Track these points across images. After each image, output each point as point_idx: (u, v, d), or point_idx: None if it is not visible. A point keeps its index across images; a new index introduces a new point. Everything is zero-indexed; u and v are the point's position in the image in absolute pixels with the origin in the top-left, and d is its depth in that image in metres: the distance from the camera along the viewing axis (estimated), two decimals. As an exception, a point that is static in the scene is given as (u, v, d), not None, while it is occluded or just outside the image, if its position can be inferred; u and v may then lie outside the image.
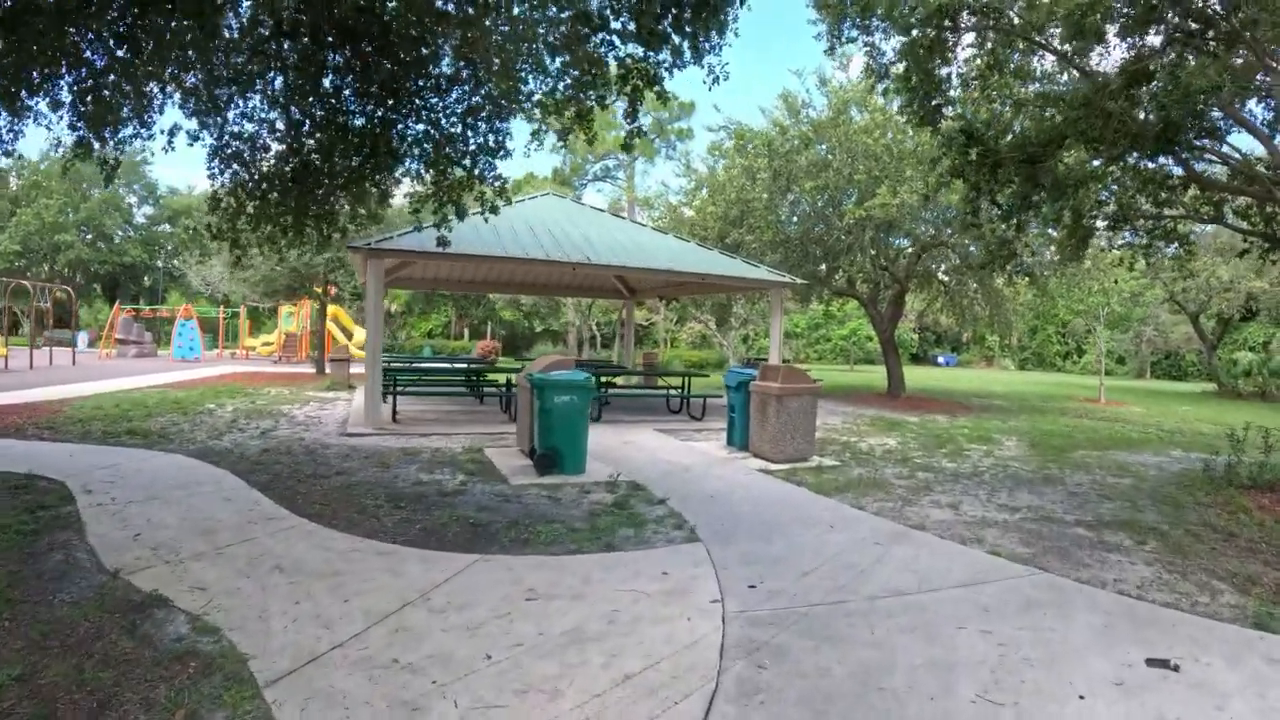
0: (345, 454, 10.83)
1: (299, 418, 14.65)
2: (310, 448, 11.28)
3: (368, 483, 8.97)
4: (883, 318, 25.75)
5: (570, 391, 10.15)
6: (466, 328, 58.37)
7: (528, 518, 7.71)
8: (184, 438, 11.80)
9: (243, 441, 11.60)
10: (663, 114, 46.97)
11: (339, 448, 11.36)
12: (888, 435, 15.54)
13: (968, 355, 66.26)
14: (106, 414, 14.00)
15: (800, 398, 11.32)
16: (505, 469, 10.15)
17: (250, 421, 13.84)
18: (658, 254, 16.47)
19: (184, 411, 14.79)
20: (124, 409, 14.75)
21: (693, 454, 12.14)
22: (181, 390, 19.13)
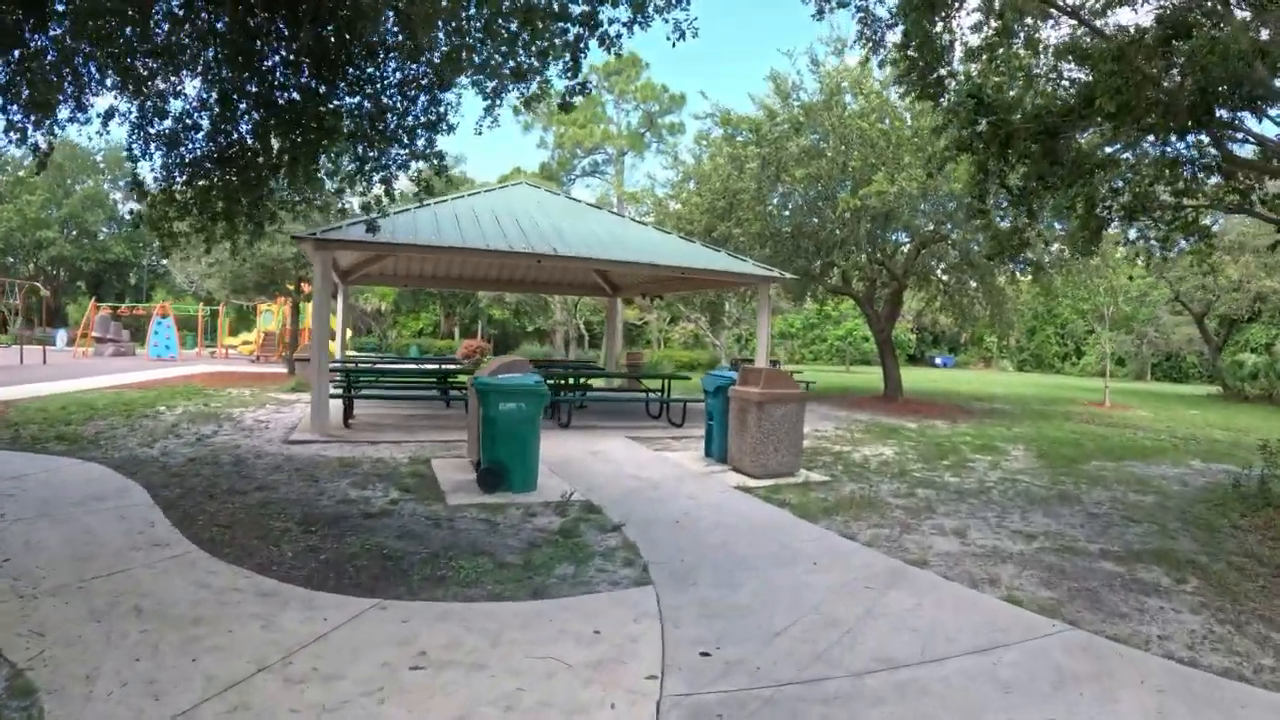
0: (277, 465, 9.86)
1: (247, 422, 13.70)
2: (242, 457, 10.34)
3: (286, 500, 8.00)
4: (879, 317, 24.49)
5: (517, 398, 8.97)
6: (456, 327, 57.05)
7: (453, 549, 6.60)
8: (114, 444, 10.91)
9: (173, 449, 10.68)
10: (652, 105, 45.72)
11: (274, 458, 10.40)
12: (884, 444, 14.30)
13: (965, 356, 65.12)
14: (47, 417, 13.18)
15: (785, 405, 10.07)
16: (447, 484, 9.06)
17: (193, 426, 12.92)
18: (635, 247, 15.24)
19: (128, 415, 13.88)
20: (68, 412, 13.91)
21: (664, 467, 10.91)
22: (140, 391, 18.28)
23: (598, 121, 44.81)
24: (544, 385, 9.20)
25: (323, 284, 13.05)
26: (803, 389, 10.46)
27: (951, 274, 24.15)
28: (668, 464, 11.12)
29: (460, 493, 8.66)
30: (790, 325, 57.84)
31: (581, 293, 27.31)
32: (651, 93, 45.04)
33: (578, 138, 43.88)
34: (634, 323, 49.76)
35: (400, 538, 6.83)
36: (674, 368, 38.80)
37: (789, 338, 58.69)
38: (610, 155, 46.18)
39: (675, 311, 42.23)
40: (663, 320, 49.61)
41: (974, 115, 9.30)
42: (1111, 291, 24.01)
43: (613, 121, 46.56)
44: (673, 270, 14.80)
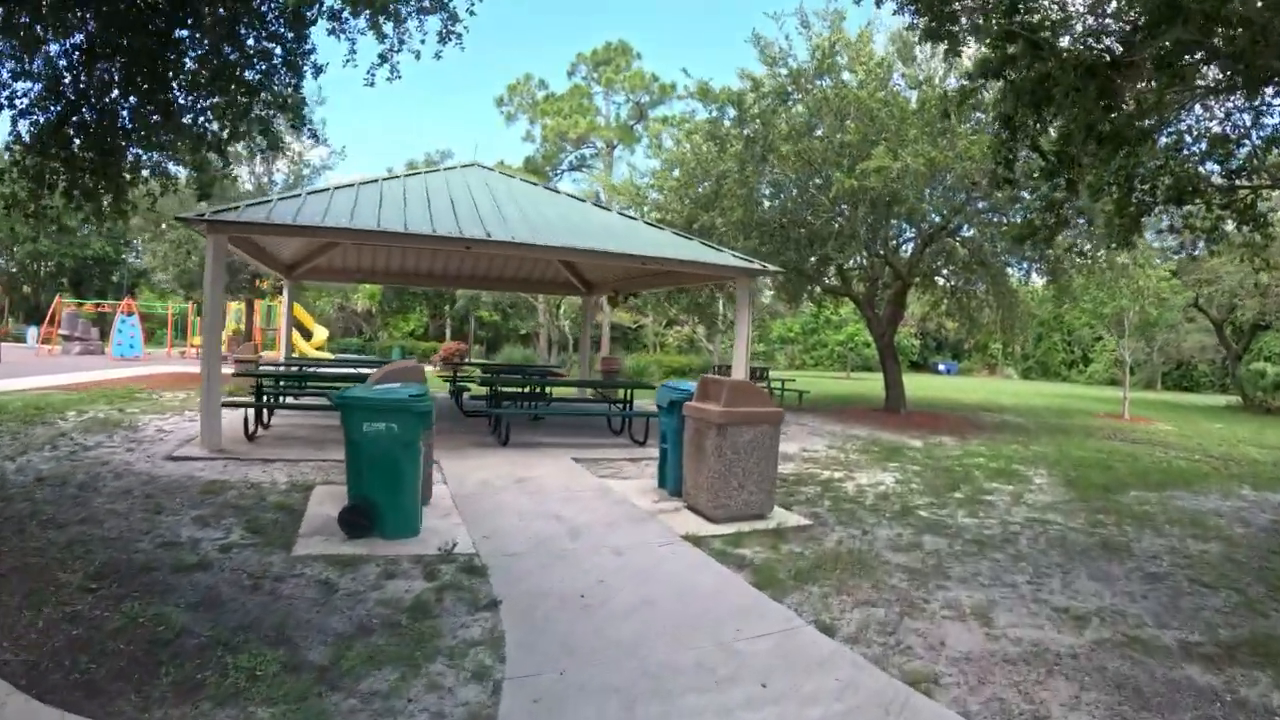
0: (129, 489, 8.21)
1: (148, 432, 12.09)
2: (99, 476, 8.75)
3: (101, 540, 6.38)
4: (880, 321, 22.20)
5: (387, 416, 6.83)
6: (448, 329, 54.94)
7: (250, 630, 4.80)
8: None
9: (33, 464, 9.23)
10: (643, 96, 43.51)
11: (135, 479, 8.75)
12: (884, 468, 12.09)
13: (968, 363, 62.87)
14: (-71, 422, 11.80)
15: (753, 427, 7.83)
16: (310, 524, 7.16)
17: (84, 435, 11.50)
18: (592, 233, 13.05)
19: (26, 420, 12.60)
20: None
21: (600, 503, 8.67)
22: (71, 393, 16.93)
23: (584, 113, 42.60)
24: (425, 401, 7.03)
25: (216, 272, 11.18)
26: (777, 406, 8.19)
27: (960, 274, 21.92)
28: (607, 498, 8.89)
29: (317, 538, 6.72)
30: (789, 329, 55.60)
31: (553, 291, 25.21)
32: (641, 82, 42.90)
33: (561, 128, 41.69)
34: (629, 326, 47.77)
35: (197, 606, 5.11)
36: (663, 374, 36.65)
37: (789, 342, 56.51)
38: (599, 148, 44.01)
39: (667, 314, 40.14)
40: (659, 324, 47.63)
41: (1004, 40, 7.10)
42: (1138, 293, 21.71)
43: (601, 113, 44.43)
44: (632, 259, 12.53)
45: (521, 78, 46.31)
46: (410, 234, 11.14)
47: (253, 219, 10.90)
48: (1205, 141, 9.20)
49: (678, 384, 9.31)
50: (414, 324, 56.57)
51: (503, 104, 46.72)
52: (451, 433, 13.47)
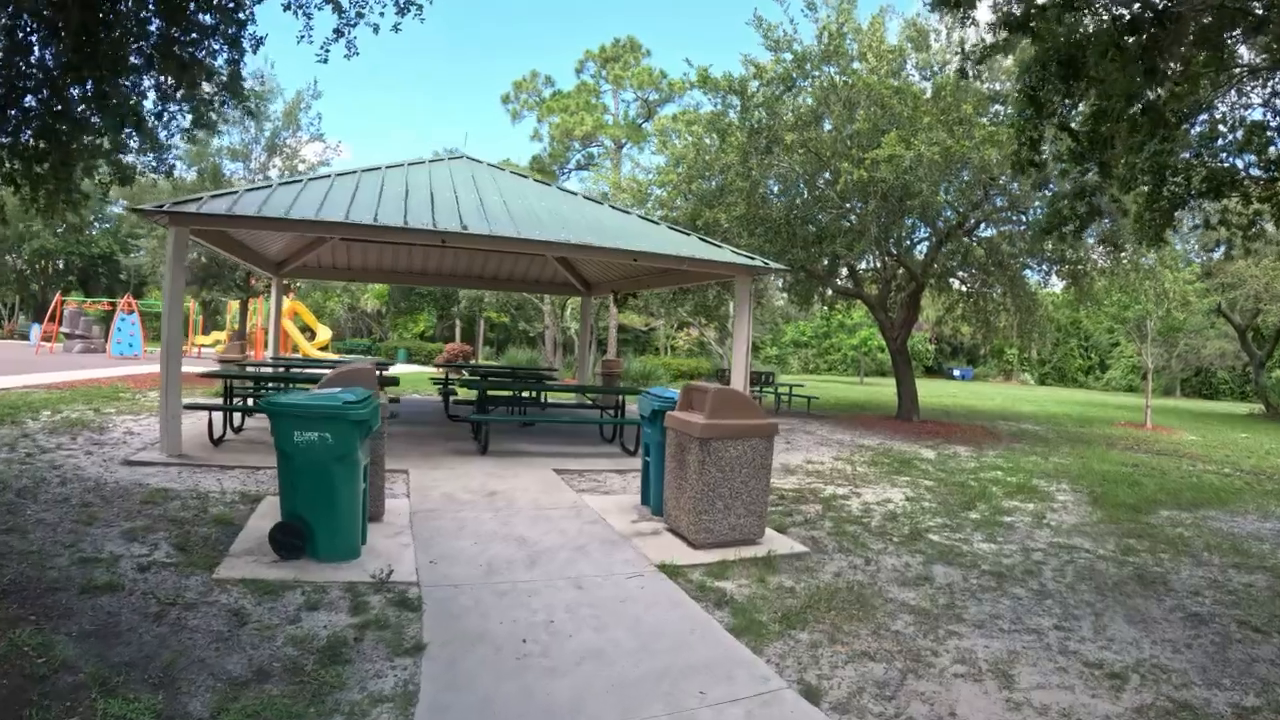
0: (68, 497, 7.70)
1: (115, 434, 11.63)
2: (43, 480, 8.34)
3: (19, 553, 5.87)
4: (893, 324, 21.24)
5: (319, 425, 6.00)
6: (458, 330, 54.16)
7: (131, 669, 4.13)
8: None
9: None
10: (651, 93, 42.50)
11: (82, 484, 8.28)
12: (893, 482, 11.20)
13: (984, 369, 61.70)
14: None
15: (741, 442, 6.93)
16: (244, 542, 6.47)
17: (48, 436, 11.09)
18: (580, 227, 12.11)
19: (0, 420, 12.16)
20: None
21: (572, 523, 7.78)
22: (54, 392, 16.75)
23: (591, 111, 41.64)
24: (361, 408, 6.17)
25: (176, 267, 10.48)
26: (770, 416, 7.27)
27: (976, 276, 20.92)
28: (581, 517, 7.99)
29: (246, 558, 6.02)
30: (802, 332, 54.64)
31: (552, 291, 24.30)
32: (650, 79, 41.83)
33: (568, 126, 40.74)
34: (640, 329, 46.94)
35: (90, 636, 4.50)
36: (670, 378, 35.83)
37: (802, 346, 55.62)
38: (608, 147, 43.05)
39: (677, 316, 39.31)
40: (670, 326, 46.80)
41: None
42: (1162, 297, 20.62)
43: (610, 111, 43.48)
44: (622, 255, 11.61)
45: (528, 75, 45.47)
46: (380, 226, 10.32)
47: (215, 210, 10.21)
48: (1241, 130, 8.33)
49: (660, 391, 8.40)
50: (423, 325, 55.95)
51: (509, 101, 45.82)
52: (432, 439, 12.70)
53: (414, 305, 55.07)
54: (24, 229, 50.03)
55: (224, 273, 23.70)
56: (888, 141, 14.89)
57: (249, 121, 24.08)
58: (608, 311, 38.14)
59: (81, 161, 8.26)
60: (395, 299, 53.44)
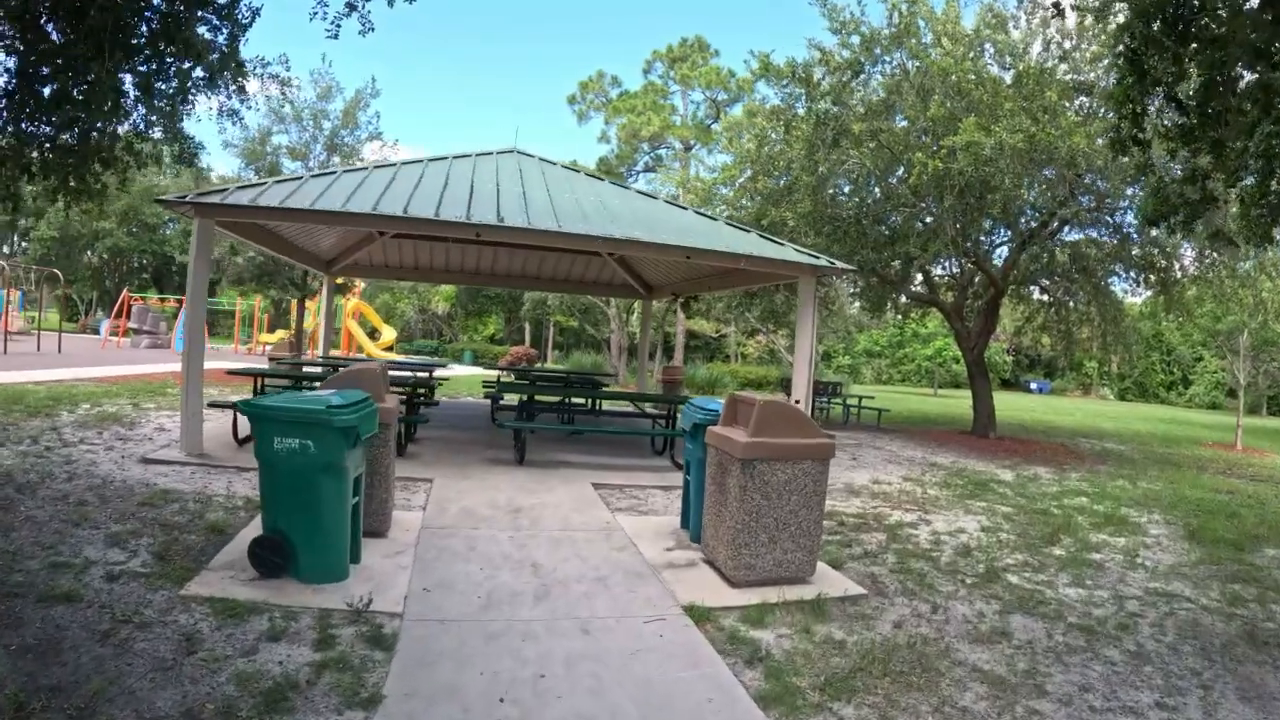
0: (69, 494, 7.42)
1: (143, 431, 11.38)
2: (50, 475, 8.11)
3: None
4: (970, 334, 20.00)
5: (300, 431, 5.31)
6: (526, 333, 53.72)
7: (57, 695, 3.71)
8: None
9: None
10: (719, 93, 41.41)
11: (88, 481, 8.04)
12: (967, 508, 10.13)
13: (1061, 382, 59.19)
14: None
15: (791, 464, 5.98)
16: (232, 551, 5.97)
17: (76, 430, 10.93)
18: (630, 222, 11.20)
19: (33, 411, 12.18)
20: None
21: (600, 547, 6.91)
22: (105, 385, 16.79)
23: (658, 111, 40.69)
24: (349, 413, 5.42)
25: (201, 259, 10.06)
26: (827, 435, 6.24)
27: (1059, 284, 19.57)
28: (609, 541, 7.10)
29: (223, 573, 5.48)
30: (876, 342, 53.20)
31: (612, 293, 23.51)
32: (718, 79, 40.76)
33: (634, 125, 39.86)
34: (711, 335, 45.97)
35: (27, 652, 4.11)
36: (737, 385, 34.77)
37: (875, 356, 54.17)
38: (676, 149, 42.05)
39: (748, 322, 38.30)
40: (741, 333, 45.76)
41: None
42: (1259, 306, 19.07)
43: (678, 112, 42.51)
44: (673, 251, 10.66)
45: (594, 75, 44.70)
46: (409, 218, 9.64)
47: (238, 201, 9.72)
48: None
49: (703, 402, 7.48)
50: (492, 328, 55.66)
51: (575, 102, 45.06)
52: (469, 446, 11.97)
53: (482, 308, 54.82)
54: (97, 227, 50.85)
55: (282, 271, 23.31)
56: (966, 128, 13.68)
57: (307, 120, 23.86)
58: (676, 316, 37.28)
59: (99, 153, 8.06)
60: (463, 301, 53.20)
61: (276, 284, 25.05)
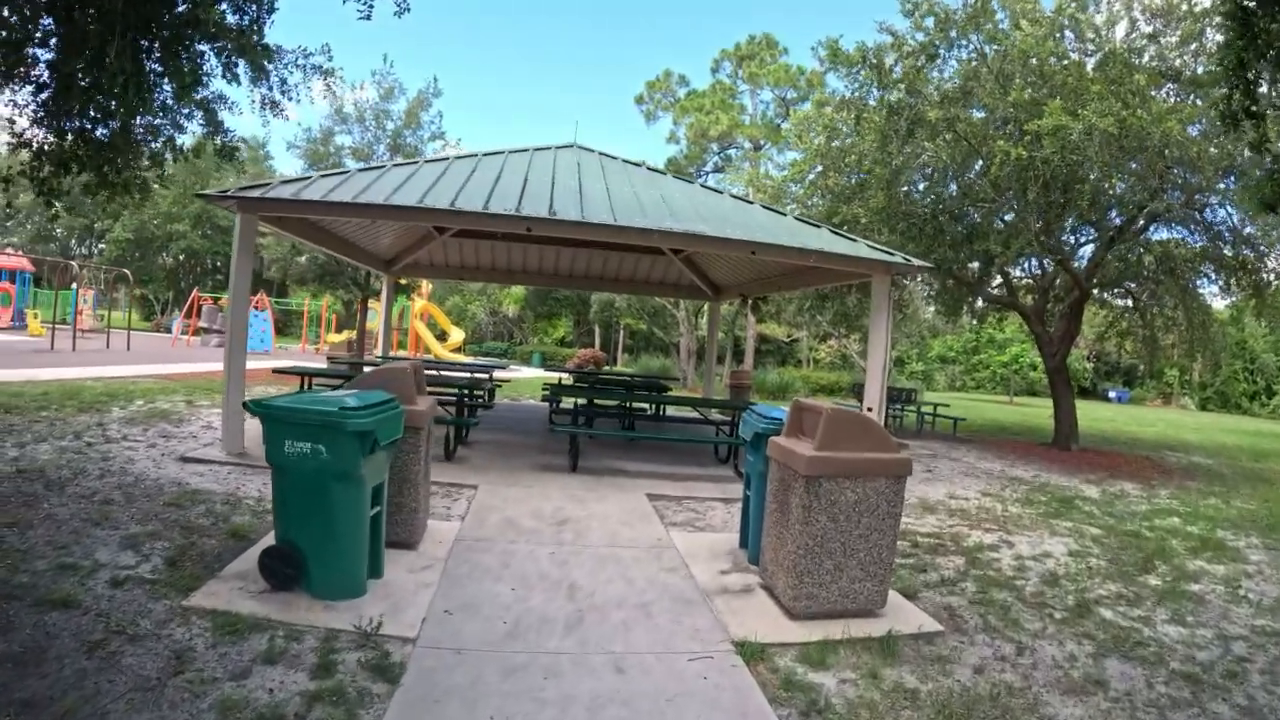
0: (97, 491, 7.28)
1: (190, 428, 11.36)
2: (83, 471, 8.00)
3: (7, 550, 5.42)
4: (1052, 339, 18.95)
5: (311, 435, 4.85)
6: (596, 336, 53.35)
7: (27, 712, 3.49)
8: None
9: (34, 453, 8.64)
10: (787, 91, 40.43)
11: (120, 478, 7.89)
12: (1052, 529, 9.32)
13: (1140, 390, 56.76)
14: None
15: (861, 482, 5.30)
16: (248, 561, 5.53)
17: (123, 426, 10.92)
18: (690, 215, 10.50)
19: (84, 407, 12.26)
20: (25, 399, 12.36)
21: (648, 568, 6.28)
22: (164, 382, 17.03)
23: (726, 109, 39.88)
24: (365, 417, 4.94)
25: (244, 256, 9.81)
26: (902, 451, 5.54)
27: (1144, 286, 18.39)
28: (660, 560, 6.49)
29: (234, 583, 5.13)
30: (950, 348, 51.71)
31: (678, 294, 22.85)
32: (786, 76, 39.81)
33: (702, 125, 39.11)
34: (783, 340, 45.15)
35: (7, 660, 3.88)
36: (809, 390, 33.95)
37: (949, 362, 52.65)
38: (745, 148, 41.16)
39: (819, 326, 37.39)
40: (813, 337, 44.82)
41: None
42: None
43: (747, 111, 41.69)
44: (737, 246, 9.91)
45: (661, 74, 44.04)
46: (456, 211, 9.15)
47: (280, 195, 9.41)
48: None
49: (765, 410, 6.82)
50: (562, 330, 55.38)
51: (642, 102, 44.47)
52: (522, 451, 11.49)
53: (551, 310, 54.55)
54: (171, 230, 51.72)
55: (344, 271, 23.23)
56: (1052, 110, 12.64)
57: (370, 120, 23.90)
58: (746, 320, 36.57)
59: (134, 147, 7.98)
60: (532, 303, 52.99)
61: (339, 284, 25.02)
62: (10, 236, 58.26)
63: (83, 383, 15.48)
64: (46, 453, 8.69)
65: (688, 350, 36.18)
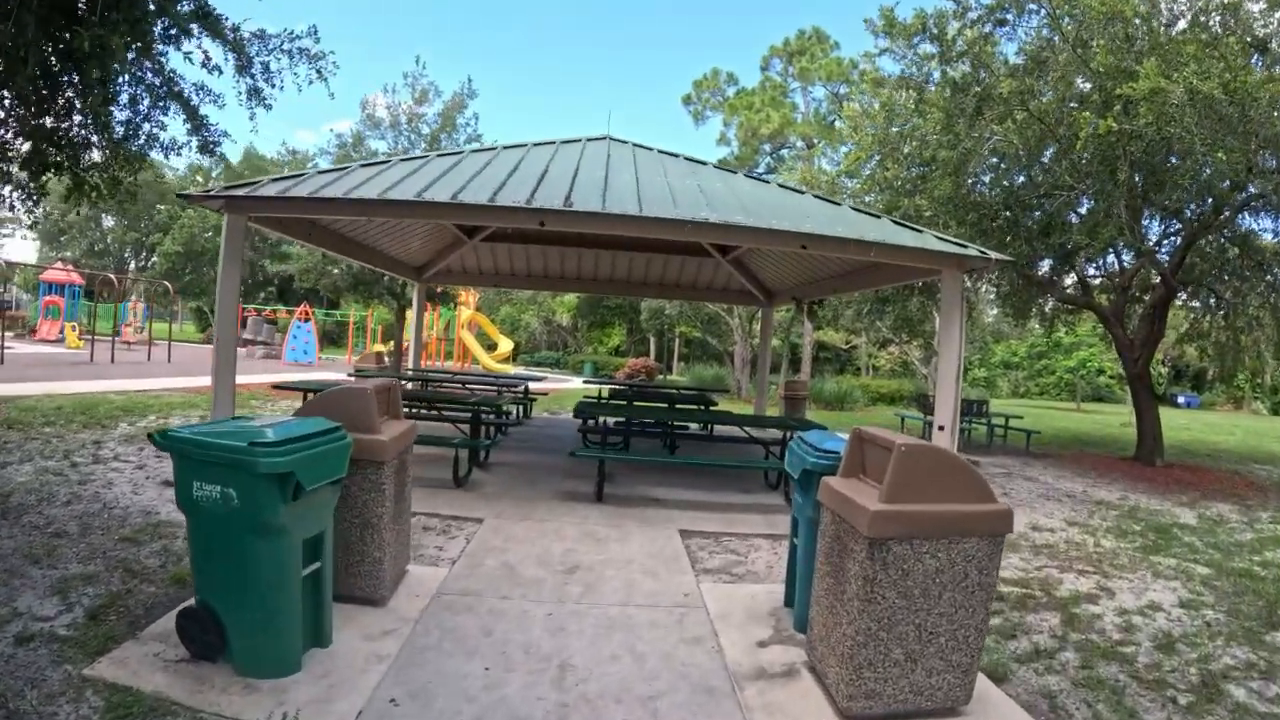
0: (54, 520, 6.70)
1: None
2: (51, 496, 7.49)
3: None
4: (1132, 343, 17.29)
5: (218, 476, 3.85)
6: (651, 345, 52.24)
7: None
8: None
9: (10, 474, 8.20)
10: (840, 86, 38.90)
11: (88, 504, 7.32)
12: (1154, 568, 7.91)
13: (1210, 396, 53.69)
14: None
15: (947, 546, 3.95)
16: None
17: (120, 444, 10.48)
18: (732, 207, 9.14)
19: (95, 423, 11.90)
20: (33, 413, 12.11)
21: (668, 636, 5.02)
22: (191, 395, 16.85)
23: (777, 107, 38.56)
24: (284, 454, 3.85)
25: (231, 260, 8.70)
26: (999, 500, 4.10)
27: (1228, 283, 16.54)
28: (683, 626, 5.21)
29: (154, 646, 4.26)
30: (1014, 353, 49.56)
31: (728, 300, 21.65)
32: (839, 70, 38.33)
33: (753, 123, 37.78)
34: (841, 348, 43.62)
35: None
36: (869, 400, 32.40)
37: (1012, 368, 50.47)
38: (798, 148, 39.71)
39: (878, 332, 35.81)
40: (872, 344, 43.23)
41: None
42: None
43: (799, 109, 40.36)
44: (780, 238, 8.59)
45: (709, 73, 42.99)
46: (458, 204, 7.98)
47: (266, 193, 8.39)
48: None
49: (817, 439, 5.43)
50: (616, 339, 54.33)
51: (690, 102, 43.45)
52: (545, 475, 10.29)
53: (603, 319, 53.51)
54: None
55: (380, 280, 22.38)
56: (1147, 72, 10.86)
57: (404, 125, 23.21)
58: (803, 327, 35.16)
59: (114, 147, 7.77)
60: (584, 312, 52.02)
61: (373, 294, 24.27)
62: (64, 251, 58.72)
63: (105, 396, 15.15)
64: (25, 474, 8.19)
65: (742, 359, 34.79)
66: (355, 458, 4.65)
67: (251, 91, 8.06)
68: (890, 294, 18.13)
